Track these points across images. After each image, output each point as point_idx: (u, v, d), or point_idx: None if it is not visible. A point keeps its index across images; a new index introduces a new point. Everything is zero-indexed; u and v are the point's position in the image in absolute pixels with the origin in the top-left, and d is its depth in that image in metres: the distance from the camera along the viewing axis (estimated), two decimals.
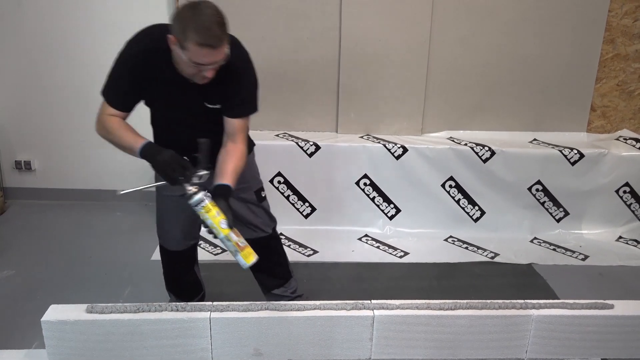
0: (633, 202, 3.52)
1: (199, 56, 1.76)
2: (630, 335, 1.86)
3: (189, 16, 1.74)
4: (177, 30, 1.76)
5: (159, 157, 1.92)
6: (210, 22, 1.74)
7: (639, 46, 3.55)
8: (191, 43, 1.73)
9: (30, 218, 3.60)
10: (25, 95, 3.63)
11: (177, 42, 1.77)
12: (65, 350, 1.66)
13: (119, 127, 2.00)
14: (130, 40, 2.00)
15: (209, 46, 1.74)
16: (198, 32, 1.72)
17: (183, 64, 1.82)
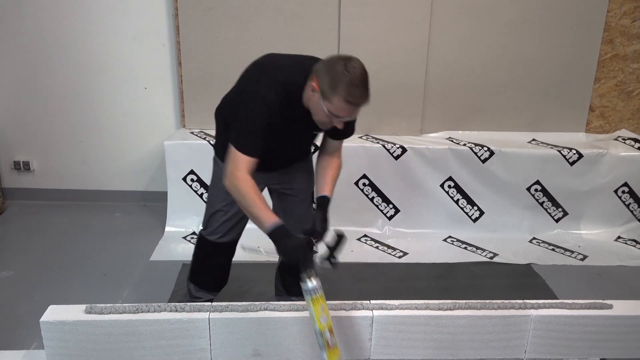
0: (632, 202, 3.53)
1: (341, 111, 1.81)
2: (629, 335, 1.87)
3: (341, 72, 1.76)
4: (326, 81, 1.79)
5: (288, 243, 1.82)
6: (360, 83, 1.78)
7: (638, 46, 3.56)
8: (338, 98, 1.77)
9: (28, 218, 3.60)
10: (24, 96, 3.63)
11: (320, 91, 1.81)
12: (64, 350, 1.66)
13: (254, 196, 1.88)
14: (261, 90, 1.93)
15: (355, 105, 1.80)
16: (348, 91, 1.76)
17: (319, 111, 1.86)
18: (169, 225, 3.45)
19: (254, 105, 1.91)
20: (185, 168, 3.41)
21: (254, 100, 1.92)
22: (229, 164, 1.90)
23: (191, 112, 3.58)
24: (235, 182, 1.87)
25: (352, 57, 1.81)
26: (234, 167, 1.88)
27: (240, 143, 1.90)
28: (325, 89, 1.79)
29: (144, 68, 3.57)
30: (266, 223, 1.83)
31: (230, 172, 1.89)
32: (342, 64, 1.77)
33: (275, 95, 1.90)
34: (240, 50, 3.45)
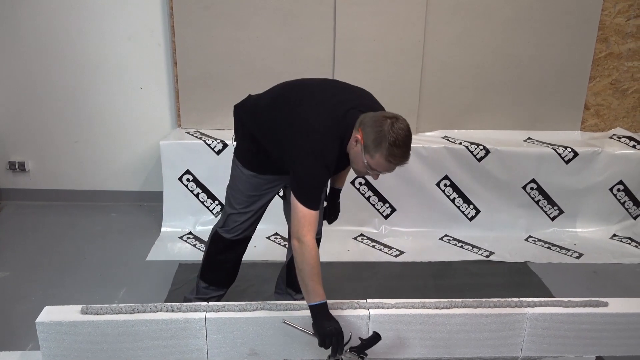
0: (627, 200, 3.54)
1: (380, 167, 1.87)
2: (625, 332, 1.87)
3: (387, 131, 1.80)
4: (371, 137, 1.82)
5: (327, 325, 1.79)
6: (403, 144, 1.83)
7: (632, 45, 3.57)
8: (380, 155, 1.83)
9: (24, 219, 3.58)
10: (18, 96, 3.62)
11: (363, 145, 1.85)
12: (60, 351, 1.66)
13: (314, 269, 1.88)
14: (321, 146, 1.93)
15: (395, 164, 1.87)
16: (391, 150, 1.81)
17: (359, 162, 1.91)
18: (165, 225, 3.45)
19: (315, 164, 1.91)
20: (181, 168, 3.41)
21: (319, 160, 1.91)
22: (296, 222, 1.89)
23: (187, 111, 3.58)
24: (304, 247, 1.86)
25: (400, 117, 1.85)
26: (302, 226, 1.88)
27: (307, 200, 1.90)
28: (369, 144, 1.83)
29: (140, 68, 3.56)
30: (314, 297, 1.83)
31: (299, 232, 1.88)
32: (389, 122, 1.81)
33: (335, 154, 1.93)
34: (236, 49, 3.45)
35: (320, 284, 1.87)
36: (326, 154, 1.91)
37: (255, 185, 2.25)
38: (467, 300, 1.84)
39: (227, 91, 3.53)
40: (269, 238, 3.40)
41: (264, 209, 2.38)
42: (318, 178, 1.93)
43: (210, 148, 3.38)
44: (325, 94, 2.07)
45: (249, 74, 3.49)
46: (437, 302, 1.83)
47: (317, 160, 1.91)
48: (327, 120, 1.93)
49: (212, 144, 3.38)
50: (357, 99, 2.04)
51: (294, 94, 2.11)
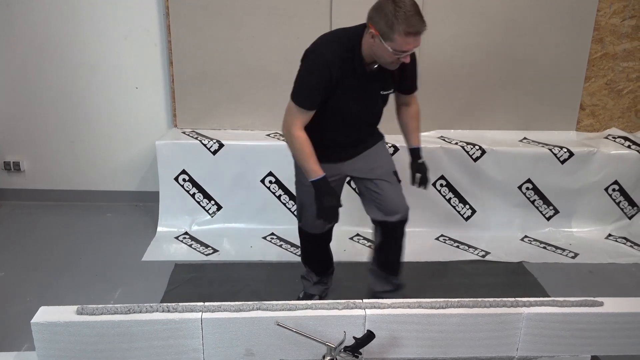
0: (622, 200, 3.55)
1: (405, 44, 1.94)
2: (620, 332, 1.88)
3: (393, 10, 1.90)
4: (382, 23, 1.93)
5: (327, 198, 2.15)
6: (414, 12, 1.92)
7: (627, 45, 3.58)
8: (398, 34, 1.91)
9: (19, 219, 3.57)
10: (14, 96, 3.61)
11: (379, 35, 1.95)
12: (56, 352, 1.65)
13: (305, 147, 2.15)
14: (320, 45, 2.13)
15: (415, 34, 1.93)
16: (406, 23, 1.90)
17: (384, 54, 1.99)
18: (161, 226, 3.44)
19: (313, 62, 2.09)
20: (177, 168, 3.40)
21: (312, 57, 2.10)
22: (287, 116, 2.14)
23: (183, 111, 3.57)
24: (290, 136, 2.13)
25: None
26: (290, 120, 2.13)
27: (297, 96, 2.11)
28: (383, 30, 1.93)
29: (136, 68, 3.56)
30: (312, 173, 2.13)
31: (287, 123, 2.14)
32: (391, 2, 1.91)
33: (334, 52, 2.06)
34: (232, 49, 3.45)
35: (317, 163, 2.14)
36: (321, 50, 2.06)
37: None
38: (463, 300, 1.85)
39: (223, 91, 3.54)
40: (264, 238, 3.40)
41: None
42: (311, 76, 2.09)
43: (206, 148, 3.38)
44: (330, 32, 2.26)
45: (245, 74, 3.49)
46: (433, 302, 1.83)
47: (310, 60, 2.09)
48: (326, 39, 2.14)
49: (208, 143, 3.38)
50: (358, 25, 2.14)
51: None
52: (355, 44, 2.06)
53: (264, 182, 3.45)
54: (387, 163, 2.47)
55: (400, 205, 2.46)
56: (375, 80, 2.16)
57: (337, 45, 2.08)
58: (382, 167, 2.44)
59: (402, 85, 2.31)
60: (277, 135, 3.53)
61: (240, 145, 3.40)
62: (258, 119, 3.60)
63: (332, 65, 2.06)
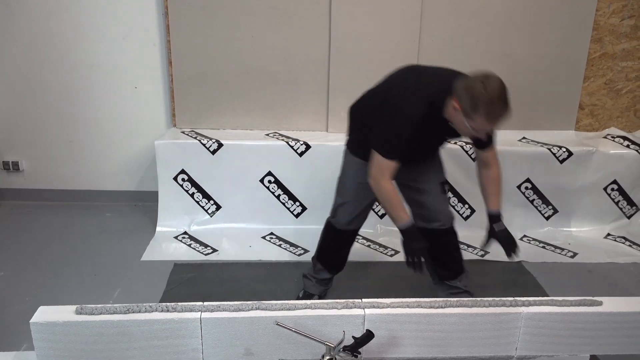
0: (621, 200, 3.55)
1: (484, 127, 1.97)
2: (619, 331, 1.88)
3: (481, 92, 1.89)
4: (466, 103, 1.92)
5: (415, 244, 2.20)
6: (499, 99, 1.90)
7: (626, 45, 3.58)
8: (479, 117, 1.91)
9: (18, 219, 3.57)
10: (13, 96, 3.60)
11: (462, 110, 1.95)
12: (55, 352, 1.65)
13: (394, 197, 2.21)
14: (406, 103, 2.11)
15: (496, 121, 1.95)
16: (488, 110, 1.90)
17: (462, 128, 2.02)
18: (160, 225, 3.44)
19: (400, 121, 2.09)
20: (176, 167, 3.40)
21: (400, 115, 2.09)
22: (374, 168, 2.17)
23: (182, 111, 3.57)
24: (379, 187, 2.18)
25: (490, 75, 1.93)
26: (379, 172, 2.16)
27: (386, 151, 2.14)
28: (466, 109, 1.92)
29: (135, 67, 3.56)
30: (400, 220, 2.19)
31: (375, 175, 2.17)
32: (480, 84, 1.90)
33: (420, 113, 2.06)
34: (231, 49, 3.45)
35: (404, 211, 2.21)
36: (409, 109, 2.06)
37: (363, 174, 2.33)
38: (462, 300, 1.84)
39: (223, 91, 3.54)
40: (264, 238, 3.40)
41: (371, 203, 2.49)
42: (396, 130, 2.10)
43: (205, 148, 3.37)
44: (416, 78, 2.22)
45: (245, 74, 3.49)
46: (432, 301, 1.83)
47: (398, 116, 2.08)
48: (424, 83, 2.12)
49: (207, 143, 3.38)
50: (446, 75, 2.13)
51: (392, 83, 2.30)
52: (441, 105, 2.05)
53: (263, 182, 3.45)
54: (436, 172, 2.46)
55: (441, 214, 2.44)
56: (450, 131, 2.16)
57: (423, 104, 2.07)
58: (429, 174, 2.44)
59: (476, 140, 2.28)
60: (276, 135, 3.53)
61: (239, 145, 3.40)
62: (257, 118, 3.60)
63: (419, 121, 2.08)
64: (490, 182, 2.34)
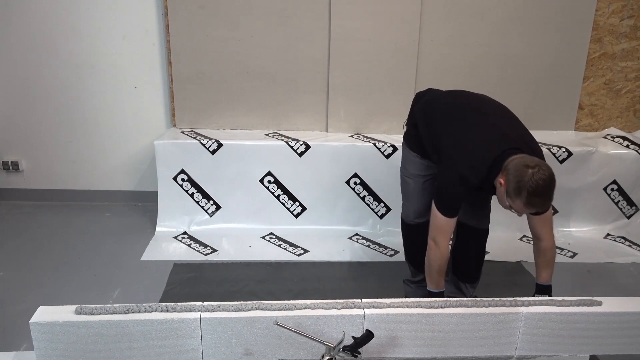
0: (620, 200, 3.56)
1: (521, 210, 2.01)
2: (618, 331, 1.88)
3: (527, 180, 1.92)
4: (512, 184, 1.97)
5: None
6: (542, 193, 1.95)
7: (626, 45, 3.58)
8: (520, 202, 1.96)
9: (18, 219, 3.57)
10: (12, 96, 3.60)
11: (505, 189, 2.00)
12: (54, 352, 1.65)
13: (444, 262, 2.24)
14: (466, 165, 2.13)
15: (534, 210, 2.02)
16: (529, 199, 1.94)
17: (502, 202, 2.07)
18: (160, 225, 3.44)
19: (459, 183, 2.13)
20: (176, 167, 3.40)
21: (459, 178, 2.13)
22: (434, 227, 2.22)
23: (182, 111, 3.57)
24: (437, 250, 2.21)
25: (543, 166, 1.95)
26: (440, 233, 2.21)
27: (444, 207, 2.19)
28: (510, 190, 1.97)
29: (134, 67, 3.56)
30: (435, 286, 2.25)
31: (436, 236, 2.21)
32: (530, 173, 1.92)
33: (477, 179, 2.12)
34: (230, 49, 3.45)
35: (443, 279, 2.25)
36: (470, 174, 2.11)
37: (420, 167, 2.44)
38: (462, 300, 1.84)
39: (222, 91, 3.54)
40: (264, 238, 3.40)
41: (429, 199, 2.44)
42: (456, 190, 2.15)
43: (205, 147, 3.37)
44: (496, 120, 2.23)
45: (244, 74, 3.49)
46: (432, 301, 1.83)
47: (460, 177, 2.12)
48: (486, 147, 2.10)
49: (207, 143, 3.38)
50: (519, 136, 2.17)
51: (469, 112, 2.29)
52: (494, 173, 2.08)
53: (263, 182, 3.45)
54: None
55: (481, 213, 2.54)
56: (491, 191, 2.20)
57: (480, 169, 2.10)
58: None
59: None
60: (275, 135, 3.53)
61: (239, 145, 3.40)
62: (257, 118, 3.60)
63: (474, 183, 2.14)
64: (540, 254, 2.36)
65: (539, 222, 2.27)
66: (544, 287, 2.34)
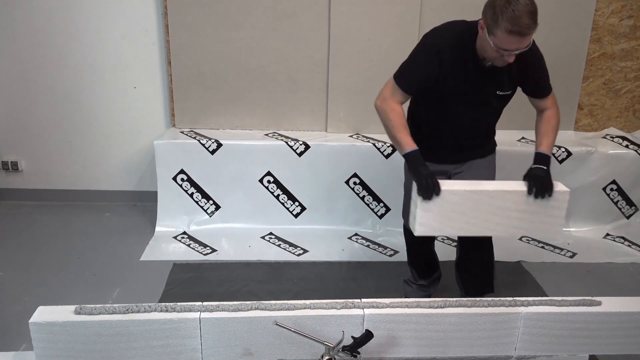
0: (620, 200, 3.56)
1: (506, 43, 1.85)
2: (618, 331, 1.88)
3: (502, 5, 1.81)
4: (489, 16, 1.85)
5: (422, 169, 1.95)
6: (522, 12, 1.80)
7: (625, 45, 3.58)
8: (500, 30, 1.82)
9: (17, 219, 3.57)
10: (12, 96, 3.60)
11: (485, 27, 1.88)
12: (54, 352, 1.65)
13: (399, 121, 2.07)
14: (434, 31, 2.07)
15: (517, 34, 1.82)
16: (510, 21, 1.80)
17: (488, 48, 1.91)
18: (160, 225, 3.44)
19: (423, 49, 2.04)
20: (176, 167, 3.40)
21: (424, 45, 2.04)
22: (384, 89, 2.09)
23: (181, 111, 3.57)
24: (386, 106, 2.07)
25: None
26: (388, 93, 2.07)
27: (399, 75, 2.06)
28: (489, 23, 1.85)
29: (134, 67, 3.56)
30: (405, 146, 2.01)
31: (384, 96, 2.08)
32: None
33: (446, 42, 1.99)
34: (230, 49, 3.44)
35: (409, 135, 2.03)
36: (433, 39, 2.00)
37: None
38: (462, 300, 1.85)
39: (222, 91, 3.54)
40: (263, 238, 3.40)
41: None
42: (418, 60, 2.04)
43: (204, 148, 3.37)
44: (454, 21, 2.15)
45: (244, 74, 3.49)
46: (431, 301, 1.84)
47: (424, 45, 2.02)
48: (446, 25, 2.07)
49: (206, 143, 3.38)
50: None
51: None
52: (472, 35, 1.99)
53: (262, 182, 3.45)
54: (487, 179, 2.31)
55: None
56: (489, 79, 2.06)
57: (452, 34, 2.03)
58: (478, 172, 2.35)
59: (526, 87, 2.19)
60: (275, 135, 3.53)
61: (238, 145, 3.40)
62: (256, 118, 3.60)
63: (442, 52, 2.00)
64: (542, 122, 2.23)
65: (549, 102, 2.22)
66: (544, 157, 2.17)
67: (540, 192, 1.98)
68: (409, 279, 2.71)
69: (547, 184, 2.01)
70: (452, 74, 2.04)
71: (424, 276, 2.63)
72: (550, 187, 2.00)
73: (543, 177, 2.04)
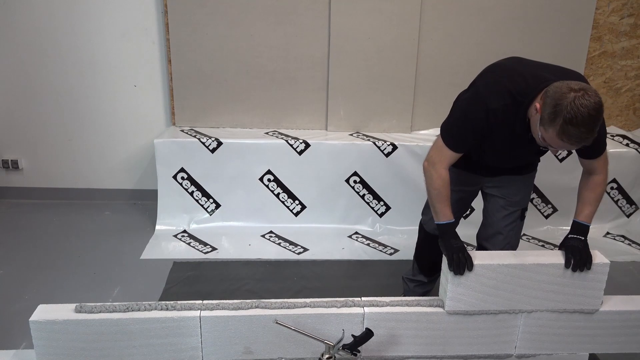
0: (620, 199, 3.56)
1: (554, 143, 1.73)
2: (617, 330, 1.88)
3: (566, 105, 1.62)
4: (548, 110, 1.67)
5: (453, 242, 1.90)
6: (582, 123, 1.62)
7: (626, 43, 3.58)
8: (553, 131, 1.66)
9: (17, 217, 3.57)
10: (12, 94, 3.60)
11: (540, 115, 1.71)
12: (54, 350, 1.65)
13: (443, 191, 1.97)
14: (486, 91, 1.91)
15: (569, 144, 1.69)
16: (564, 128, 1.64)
17: (535, 133, 1.79)
18: (160, 224, 3.44)
19: (474, 108, 1.91)
20: (176, 166, 3.40)
21: (475, 101, 1.92)
22: (433, 151, 2.00)
23: (181, 109, 3.57)
24: (433, 172, 1.97)
25: (589, 91, 1.63)
26: (437, 157, 1.98)
27: (448, 137, 1.97)
28: (544, 116, 1.68)
29: (134, 65, 3.55)
30: (441, 217, 1.96)
31: (432, 160, 1.99)
32: (572, 96, 1.62)
33: (499, 103, 1.85)
34: (230, 47, 3.44)
35: (448, 206, 1.96)
36: (487, 99, 1.86)
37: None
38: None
39: (222, 89, 3.53)
40: (263, 236, 3.40)
41: (461, 210, 2.35)
42: (466, 119, 1.92)
43: (204, 146, 3.37)
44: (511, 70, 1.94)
45: (244, 72, 3.49)
46: (431, 300, 1.84)
47: (472, 103, 1.90)
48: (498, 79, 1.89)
49: (206, 142, 3.37)
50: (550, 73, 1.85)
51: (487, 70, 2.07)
52: (526, 101, 1.81)
53: (263, 181, 3.45)
54: (521, 196, 2.27)
55: (499, 239, 2.29)
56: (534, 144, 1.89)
57: (503, 96, 1.85)
58: (512, 196, 2.25)
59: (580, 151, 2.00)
60: (275, 133, 3.53)
61: (238, 144, 3.40)
62: (257, 117, 3.60)
63: (494, 114, 1.86)
64: (586, 189, 2.05)
65: (593, 163, 2.00)
66: (582, 227, 2.02)
67: (579, 265, 1.88)
68: (407, 275, 2.70)
69: (586, 256, 1.91)
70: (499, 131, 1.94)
71: (426, 273, 2.63)
72: (590, 259, 1.89)
73: (582, 250, 1.92)
